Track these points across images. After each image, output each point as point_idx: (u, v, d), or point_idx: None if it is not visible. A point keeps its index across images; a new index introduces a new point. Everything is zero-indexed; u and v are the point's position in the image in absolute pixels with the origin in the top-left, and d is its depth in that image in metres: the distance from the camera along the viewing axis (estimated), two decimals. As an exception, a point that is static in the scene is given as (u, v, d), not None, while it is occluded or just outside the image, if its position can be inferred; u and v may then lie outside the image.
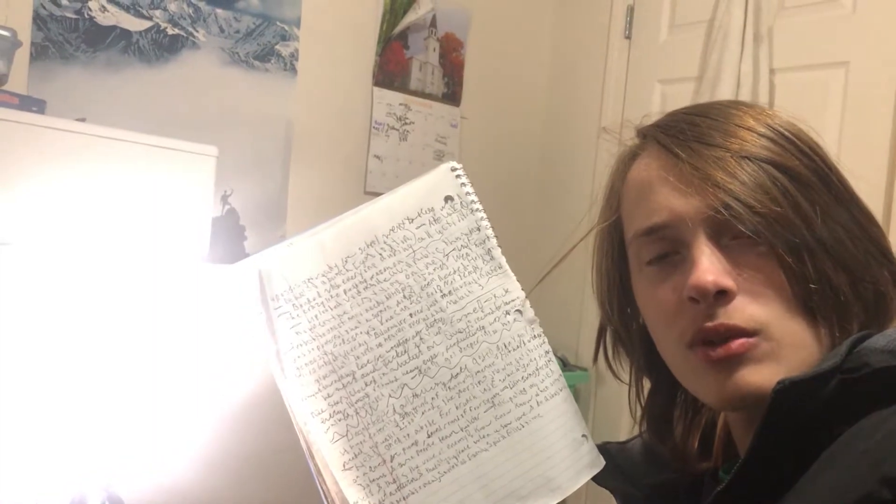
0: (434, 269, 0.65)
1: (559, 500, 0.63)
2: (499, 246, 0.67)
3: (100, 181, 1.23)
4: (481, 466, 0.62)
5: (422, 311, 0.64)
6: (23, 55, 1.55)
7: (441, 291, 0.64)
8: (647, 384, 0.73)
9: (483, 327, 0.65)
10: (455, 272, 0.65)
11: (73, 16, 1.67)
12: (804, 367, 0.56)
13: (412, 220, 0.65)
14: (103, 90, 1.71)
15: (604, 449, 0.69)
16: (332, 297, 0.63)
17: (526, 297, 0.66)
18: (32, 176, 1.17)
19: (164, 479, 1.38)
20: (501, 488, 0.62)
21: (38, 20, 1.62)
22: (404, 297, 0.64)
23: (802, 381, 0.52)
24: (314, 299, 0.63)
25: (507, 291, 0.66)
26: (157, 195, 1.30)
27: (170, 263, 1.33)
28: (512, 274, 0.67)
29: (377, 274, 0.64)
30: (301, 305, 0.62)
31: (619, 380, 0.74)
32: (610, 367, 0.74)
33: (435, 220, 0.66)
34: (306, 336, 0.62)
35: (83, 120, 1.32)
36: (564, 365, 2.26)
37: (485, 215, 0.67)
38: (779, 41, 1.96)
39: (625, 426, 2.19)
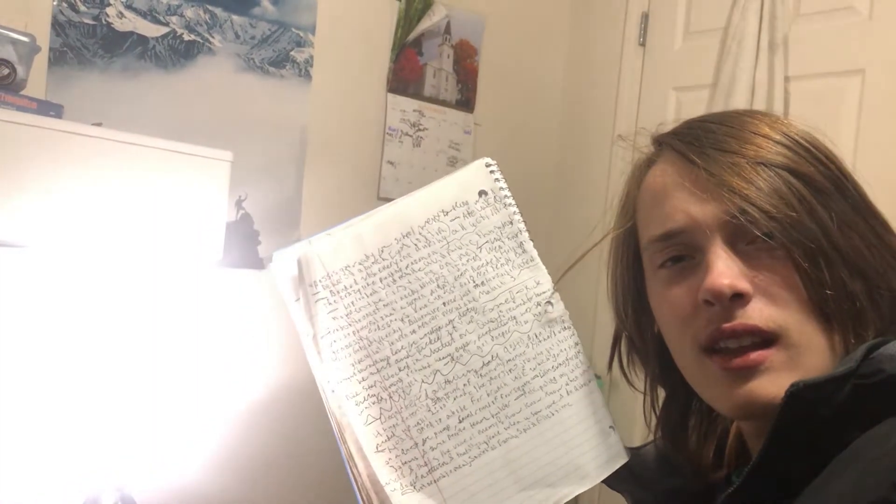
0: (467, 261, 0.66)
1: (587, 488, 0.64)
2: (531, 240, 0.68)
3: (115, 185, 1.24)
4: (511, 452, 0.63)
5: (455, 301, 0.65)
6: (41, 60, 1.57)
7: (474, 282, 0.66)
8: (661, 393, 0.73)
9: (515, 317, 0.66)
10: (488, 263, 0.67)
11: (91, 22, 1.69)
12: (820, 372, 0.56)
13: (447, 212, 0.67)
14: (120, 95, 1.72)
15: None
16: (368, 284, 0.65)
17: (555, 290, 0.67)
18: (49, 179, 1.18)
19: (176, 480, 1.38)
20: (531, 475, 0.63)
21: (57, 26, 1.64)
22: (438, 286, 0.65)
23: (816, 384, 0.51)
24: (351, 286, 0.64)
25: (538, 283, 0.68)
26: (172, 199, 1.31)
27: (184, 267, 1.34)
28: (543, 267, 0.68)
29: (412, 263, 0.65)
30: (338, 292, 0.64)
31: (634, 388, 0.74)
32: (625, 375, 0.74)
33: (469, 214, 0.67)
34: (343, 321, 0.63)
35: (100, 124, 1.33)
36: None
37: (517, 210, 0.69)
38: (794, 49, 1.95)
39: (638, 434, 2.18)
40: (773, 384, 0.56)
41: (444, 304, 0.65)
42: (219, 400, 1.43)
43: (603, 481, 0.72)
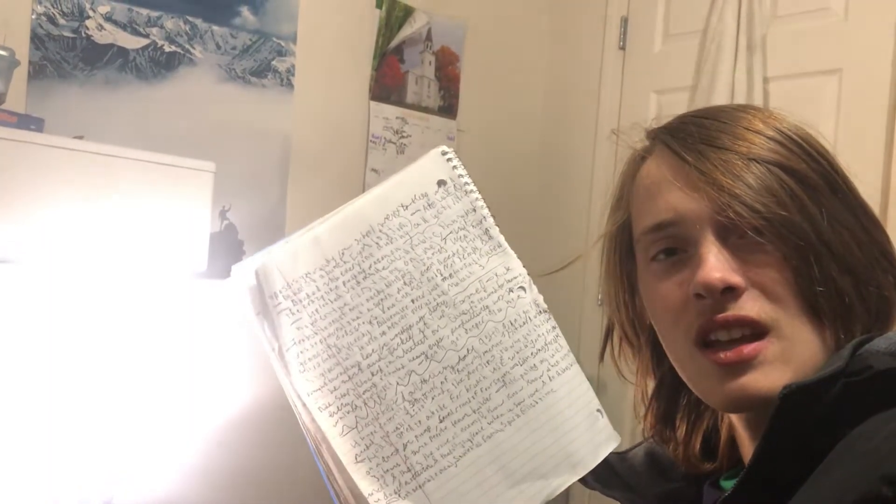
0: (433, 254, 0.64)
1: (581, 475, 0.61)
2: (497, 225, 0.65)
3: (98, 198, 1.24)
4: (498, 447, 0.60)
5: (423, 296, 0.62)
6: (21, 74, 1.56)
7: (441, 275, 0.63)
8: (651, 385, 0.74)
9: (487, 307, 0.63)
10: (454, 254, 0.64)
11: (71, 35, 1.68)
12: (810, 367, 0.56)
13: (406, 206, 0.64)
14: (101, 108, 1.71)
15: (604, 460, 0.69)
16: (331, 289, 0.62)
17: (528, 274, 0.65)
18: (31, 193, 1.17)
19: (164, 490, 1.37)
20: (521, 468, 0.60)
21: (36, 39, 1.63)
22: (405, 283, 0.63)
23: (808, 386, 0.52)
24: (314, 293, 0.61)
25: (508, 269, 0.65)
26: (155, 211, 1.30)
27: (168, 279, 1.33)
28: (512, 252, 0.65)
29: (375, 263, 0.63)
30: (301, 300, 0.61)
31: (624, 378, 0.74)
32: (616, 366, 0.74)
33: (430, 205, 0.65)
34: (308, 331, 0.60)
35: (81, 137, 1.32)
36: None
37: (480, 196, 0.65)
38: (772, 49, 1.97)
39: (626, 436, 2.18)
40: (765, 378, 0.56)
41: (412, 301, 0.62)
42: (205, 410, 1.42)
43: (592, 486, 0.72)
